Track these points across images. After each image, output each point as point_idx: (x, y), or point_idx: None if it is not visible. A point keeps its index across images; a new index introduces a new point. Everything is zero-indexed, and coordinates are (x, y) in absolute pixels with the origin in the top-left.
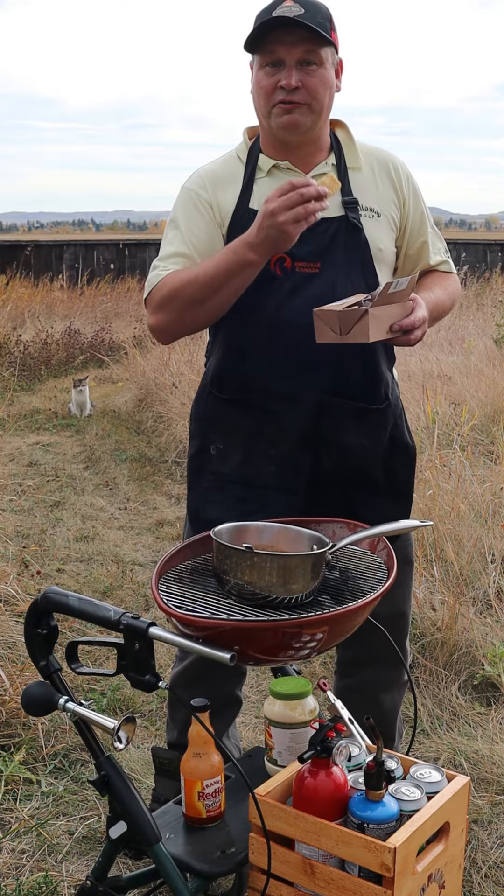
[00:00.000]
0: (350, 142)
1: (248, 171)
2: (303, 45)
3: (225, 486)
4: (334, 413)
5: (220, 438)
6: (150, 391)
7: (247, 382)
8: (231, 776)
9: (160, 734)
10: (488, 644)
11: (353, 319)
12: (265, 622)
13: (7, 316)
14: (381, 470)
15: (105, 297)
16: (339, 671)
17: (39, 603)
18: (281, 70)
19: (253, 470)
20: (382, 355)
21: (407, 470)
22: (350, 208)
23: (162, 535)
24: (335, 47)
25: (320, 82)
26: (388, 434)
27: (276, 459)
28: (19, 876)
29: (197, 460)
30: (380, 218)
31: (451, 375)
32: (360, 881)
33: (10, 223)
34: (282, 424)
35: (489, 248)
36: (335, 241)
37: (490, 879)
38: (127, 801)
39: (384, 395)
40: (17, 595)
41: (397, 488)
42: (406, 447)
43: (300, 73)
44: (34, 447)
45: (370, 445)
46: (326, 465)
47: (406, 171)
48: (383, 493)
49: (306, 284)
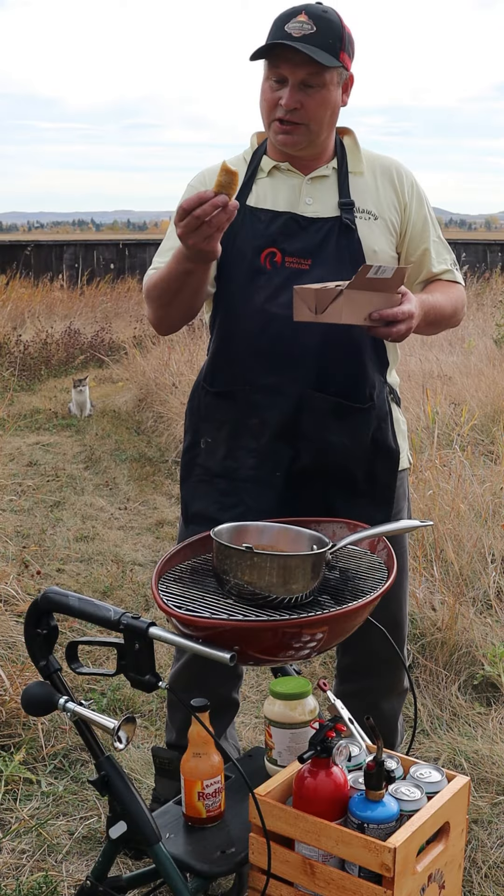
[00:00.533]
0: (355, 148)
1: (249, 171)
2: (307, 68)
3: (211, 480)
4: (315, 408)
5: (209, 432)
6: (150, 391)
7: (235, 375)
8: (231, 776)
9: (160, 734)
10: (488, 644)
11: (329, 298)
12: (265, 622)
13: (7, 316)
14: (361, 471)
15: (105, 297)
16: (339, 676)
17: (39, 603)
18: (284, 87)
19: (236, 463)
20: (371, 356)
21: (388, 474)
22: (345, 209)
23: (162, 535)
24: (346, 65)
25: (320, 104)
26: (371, 436)
27: (257, 453)
28: (19, 876)
29: (189, 454)
30: (376, 221)
31: (451, 375)
32: (360, 881)
33: (10, 223)
34: (263, 417)
35: (489, 248)
36: (327, 240)
37: (490, 879)
38: (127, 801)
39: (368, 395)
40: (17, 595)
41: (377, 492)
42: (389, 451)
43: (301, 94)
44: (34, 447)
45: (351, 444)
46: (305, 460)
47: (410, 179)
48: (363, 495)
49: (295, 279)
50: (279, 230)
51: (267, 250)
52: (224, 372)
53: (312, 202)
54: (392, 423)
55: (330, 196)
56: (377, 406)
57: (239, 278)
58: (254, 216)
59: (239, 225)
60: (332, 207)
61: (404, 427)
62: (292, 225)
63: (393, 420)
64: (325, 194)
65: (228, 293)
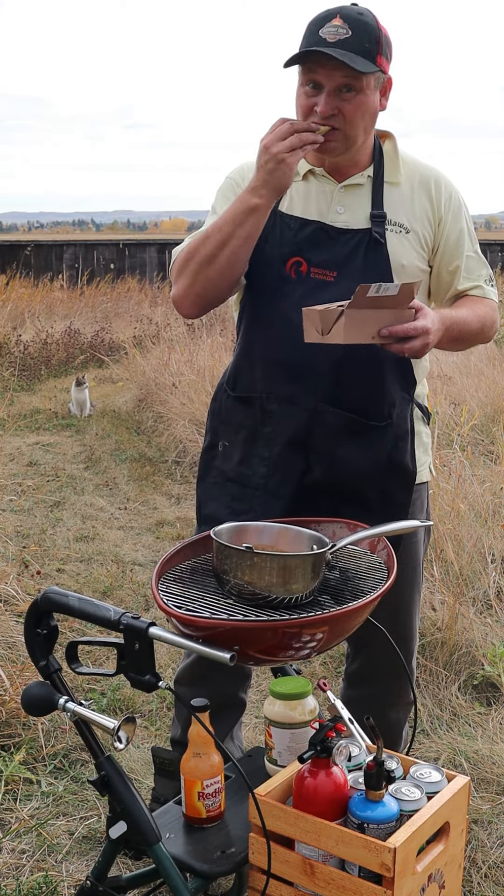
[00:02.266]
0: (394, 155)
1: None
2: (343, 71)
3: (225, 484)
4: (327, 422)
5: (227, 436)
6: (150, 391)
7: (254, 382)
8: (231, 776)
9: (160, 734)
10: (488, 644)
11: (332, 319)
12: (265, 622)
13: (7, 316)
14: (375, 491)
15: (105, 297)
16: (347, 681)
17: (39, 603)
18: (319, 93)
19: (249, 470)
20: (393, 373)
21: (404, 493)
22: (376, 222)
23: (162, 535)
24: (383, 69)
25: (357, 109)
26: (388, 455)
27: (269, 462)
28: (19, 876)
29: (207, 455)
30: (408, 234)
31: (451, 375)
32: (360, 881)
33: (10, 223)
34: (276, 427)
35: (489, 248)
36: (355, 253)
37: (490, 879)
38: (127, 801)
39: (386, 413)
40: (17, 595)
41: (391, 511)
42: (405, 471)
43: (337, 100)
44: (34, 447)
45: (365, 463)
46: (317, 474)
47: (450, 191)
48: (376, 513)
49: (319, 291)
50: (307, 239)
51: (293, 259)
52: (244, 377)
53: (344, 211)
54: (412, 441)
55: (362, 206)
56: (395, 424)
57: (264, 285)
58: (283, 223)
59: (269, 230)
60: (363, 219)
61: (427, 440)
62: (321, 235)
63: (413, 437)
64: (357, 204)
65: (254, 299)
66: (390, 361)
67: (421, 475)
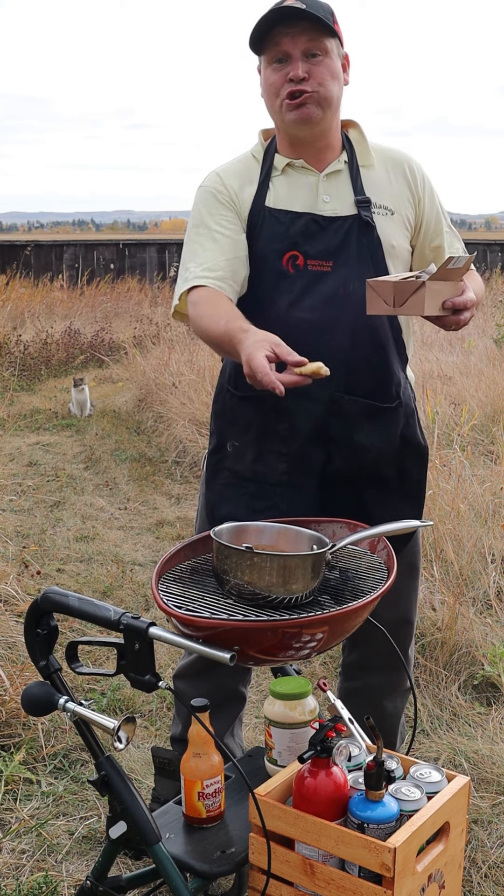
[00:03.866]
0: (362, 141)
1: (264, 170)
2: (306, 35)
3: (240, 483)
4: (345, 411)
5: (236, 435)
6: (150, 391)
7: None
8: (231, 776)
9: (160, 734)
10: (488, 644)
11: (409, 291)
12: (265, 622)
13: (7, 316)
14: (393, 470)
15: (105, 297)
16: (343, 673)
17: (39, 603)
18: (288, 65)
19: (265, 468)
20: (394, 354)
21: (419, 470)
22: (363, 206)
23: (162, 535)
24: (340, 40)
25: (327, 71)
26: (400, 433)
27: (288, 457)
28: (19, 876)
29: (215, 457)
30: (393, 216)
31: (451, 375)
32: (360, 881)
33: (10, 223)
34: (293, 422)
35: (489, 248)
36: (348, 239)
37: (490, 879)
38: (127, 801)
39: (395, 394)
40: (17, 595)
41: (409, 488)
42: (419, 447)
43: (307, 65)
44: (34, 447)
45: (382, 445)
46: (338, 463)
47: (422, 172)
48: (395, 492)
49: (318, 283)
50: (300, 232)
51: (289, 254)
52: None
53: (330, 200)
54: (417, 418)
55: (346, 193)
56: (404, 403)
57: (262, 282)
58: (273, 218)
59: (259, 226)
60: (349, 205)
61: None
62: (312, 226)
63: (417, 414)
64: (341, 191)
65: (253, 297)
66: (390, 342)
67: None
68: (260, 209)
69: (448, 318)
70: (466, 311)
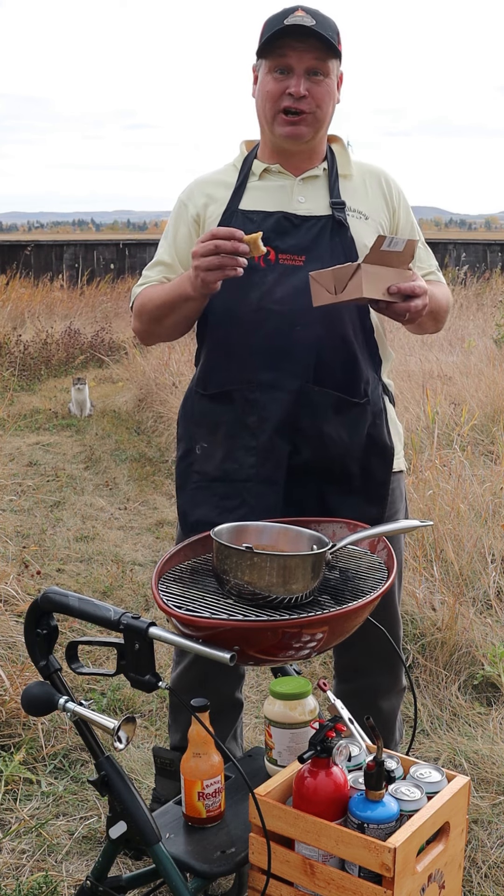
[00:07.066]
0: (344, 153)
1: (241, 176)
2: (313, 54)
3: (209, 485)
4: (314, 402)
5: (204, 437)
6: (150, 391)
7: (231, 375)
8: (231, 776)
9: (160, 734)
10: (488, 644)
11: (347, 276)
12: (265, 622)
13: (7, 316)
14: (357, 467)
15: (105, 297)
16: (337, 675)
17: (39, 603)
18: (289, 77)
19: (235, 464)
20: (364, 353)
21: (383, 471)
22: (337, 209)
23: (162, 535)
24: (341, 60)
25: (326, 93)
26: (367, 431)
27: (257, 451)
28: (19, 876)
29: (184, 462)
30: (367, 220)
31: (451, 375)
32: (360, 881)
33: (10, 223)
34: (262, 414)
35: (489, 248)
36: (321, 236)
37: (490, 879)
38: (127, 801)
39: (363, 391)
40: (17, 595)
41: (373, 489)
42: (384, 448)
43: (308, 83)
44: (34, 447)
45: (348, 439)
46: (304, 455)
47: (398, 187)
48: (357, 492)
49: (290, 275)
50: (271, 228)
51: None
52: (220, 373)
53: (305, 200)
54: (387, 420)
55: (321, 196)
56: (372, 402)
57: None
58: (246, 217)
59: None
60: (324, 206)
61: (401, 430)
62: (284, 223)
63: (388, 417)
64: (316, 194)
65: (223, 293)
66: (360, 340)
67: (397, 463)
68: (233, 211)
69: (398, 306)
70: (417, 298)
